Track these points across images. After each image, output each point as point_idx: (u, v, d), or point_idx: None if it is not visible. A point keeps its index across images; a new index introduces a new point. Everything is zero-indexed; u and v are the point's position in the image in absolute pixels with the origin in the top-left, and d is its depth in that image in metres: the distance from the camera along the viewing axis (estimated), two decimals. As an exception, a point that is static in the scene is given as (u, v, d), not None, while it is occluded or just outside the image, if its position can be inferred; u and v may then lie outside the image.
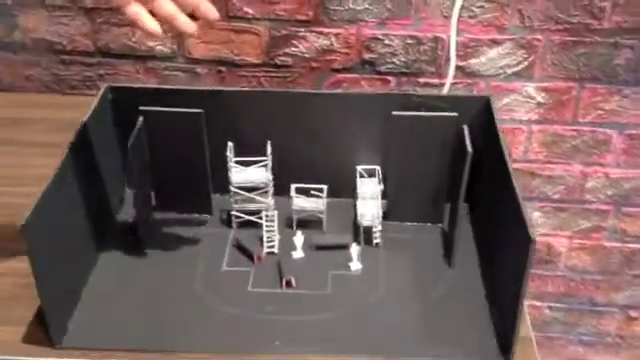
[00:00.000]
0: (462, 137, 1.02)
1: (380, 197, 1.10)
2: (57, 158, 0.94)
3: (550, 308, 1.72)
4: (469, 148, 0.98)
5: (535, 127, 1.49)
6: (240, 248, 1.08)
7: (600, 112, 1.46)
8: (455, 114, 1.05)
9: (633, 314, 1.70)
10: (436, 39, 1.39)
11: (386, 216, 1.11)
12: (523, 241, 0.84)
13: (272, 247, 1.07)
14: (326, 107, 1.10)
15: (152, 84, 1.45)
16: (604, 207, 1.57)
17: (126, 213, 1.14)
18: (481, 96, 1.08)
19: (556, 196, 1.56)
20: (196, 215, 1.14)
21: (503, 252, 0.96)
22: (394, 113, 1.05)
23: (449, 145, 1.06)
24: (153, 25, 0.85)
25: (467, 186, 1.01)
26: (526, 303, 0.90)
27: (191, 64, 1.45)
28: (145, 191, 1.09)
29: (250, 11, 1.37)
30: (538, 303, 1.71)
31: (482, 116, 1.07)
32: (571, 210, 1.58)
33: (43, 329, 0.93)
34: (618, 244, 1.61)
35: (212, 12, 0.88)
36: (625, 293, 1.68)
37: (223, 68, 1.45)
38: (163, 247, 1.09)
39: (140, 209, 1.06)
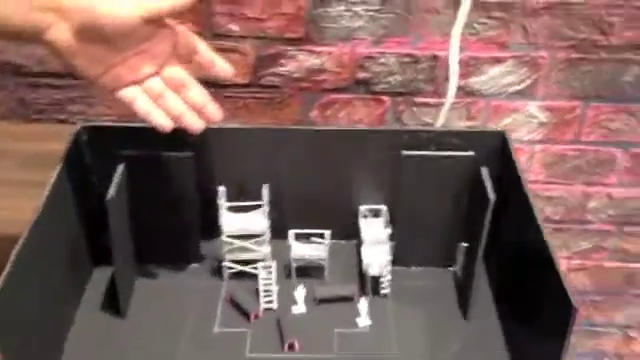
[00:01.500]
0: (479, 178, 0.93)
1: (388, 242, 1.00)
2: (21, 200, 0.86)
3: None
4: (491, 195, 0.89)
5: (537, 147, 1.41)
6: (234, 304, 0.97)
7: (604, 131, 1.38)
8: (471, 154, 0.95)
9: (632, 334, 1.65)
10: (434, 57, 1.30)
11: (393, 261, 1.01)
12: (563, 307, 0.76)
13: (270, 302, 0.97)
14: (327, 143, 0.99)
15: (128, 110, 1.33)
16: (606, 227, 1.51)
17: (104, 265, 1.02)
18: (496, 131, 0.99)
19: (556, 217, 1.49)
20: (183, 265, 1.03)
21: (531, 312, 0.88)
22: (404, 153, 0.95)
23: (464, 186, 0.97)
24: (165, 121, 0.81)
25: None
26: None
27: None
28: (125, 243, 0.98)
29: (235, 28, 1.25)
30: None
31: (497, 152, 0.98)
32: (571, 231, 1.51)
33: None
34: (619, 264, 1.55)
35: (216, 114, 0.86)
36: (625, 312, 1.62)
37: (211, 89, 1.33)
38: (146, 303, 0.98)
39: (119, 264, 0.94)
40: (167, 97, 0.82)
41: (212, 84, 1.27)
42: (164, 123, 0.82)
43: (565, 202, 1.47)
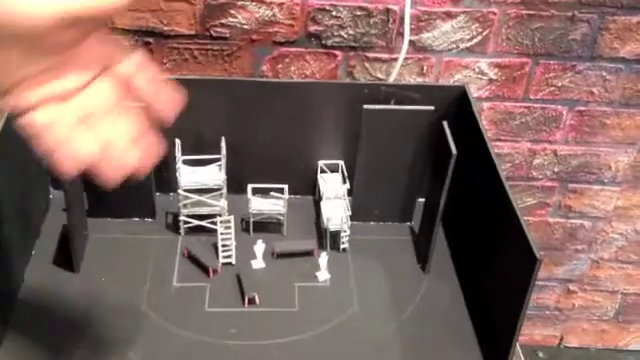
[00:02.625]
0: (439, 133, 0.93)
1: (346, 197, 0.99)
2: None
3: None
4: (453, 150, 0.89)
5: (485, 104, 1.41)
6: (192, 259, 0.95)
7: (552, 88, 1.40)
8: (431, 108, 0.95)
9: (572, 287, 1.70)
10: (387, 11, 1.28)
11: (351, 216, 1.01)
12: (525, 259, 0.76)
13: (229, 257, 0.95)
14: (286, 97, 0.97)
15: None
16: (550, 184, 1.53)
17: (54, 219, 0.98)
18: (455, 86, 0.99)
19: (503, 174, 1.50)
20: (137, 219, 1.00)
21: (491, 265, 0.89)
22: (366, 107, 0.94)
23: (424, 141, 0.96)
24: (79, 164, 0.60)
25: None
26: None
27: (115, 34, 1.28)
28: (77, 195, 0.94)
29: (184, -23, 1.21)
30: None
31: (457, 107, 0.98)
32: (517, 188, 1.53)
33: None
34: (562, 220, 1.59)
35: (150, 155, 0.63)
36: (565, 267, 1.66)
37: (151, 39, 1.28)
38: (100, 258, 0.95)
39: (72, 216, 0.91)
40: (83, 130, 0.60)
41: (153, 33, 1.22)
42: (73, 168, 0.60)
43: (512, 159, 1.49)
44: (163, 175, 0.99)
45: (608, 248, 1.62)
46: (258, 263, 0.96)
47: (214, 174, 0.96)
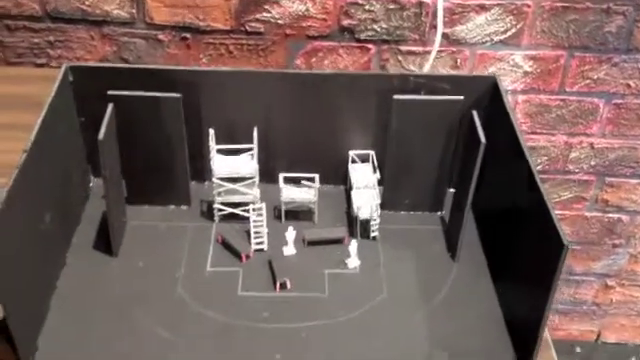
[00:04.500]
0: (470, 122, 0.94)
1: (377, 186, 1.01)
2: (9, 143, 0.83)
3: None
4: (482, 138, 0.89)
5: (520, 97, 1.41)
6: (225, 245, 0.98)
7: (588, 81, 1.39)
8: (461, 97, 0.96)
9: (610, 282, 1.68)
10: (420, 4, 1.29)
11: (381, 205, 1.02)
12: (553, 246, 0.77)
13: (261, 244, 0.98)
14: (317, 88, 0.99)
15: (109, 52, 1.31)
16: (587, 177, 1.53)
17: (94, 206, 1.02)
18: (486, 76, 1.00)
19: (539, 167, 1.50)
20: (173, 207, 1.03)
21: (521, 252, 0.89)
22: (396, 97, 0.95)
23: (454, 131, 0.97)
24: None
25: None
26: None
27: (152, 30, 1.32)
28: (116, 183, 0.97)
29: (219, -27, 1.24)
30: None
31: (487, 98, 0.99)
32: (553, 181, 1.53)
33: (8, 348, 0.82)
34: (599, 214, 1.57)
35: None
36: (603, 262, 1.65)
37: (188, 35, 1.32)
38: (138, 244, 0.98)
39: (112, 204, 0.94)
40: None
41: (189, 29, 1.25)
42: None
43: (548, 152, 1.48)
44: (198, 164, 1.02)
45: (646, 243, 1.61)
46: (289, 250, 0.98)
47: (247, 163, 0.99)
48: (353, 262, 0.97)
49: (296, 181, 1.01)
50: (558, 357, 0.89)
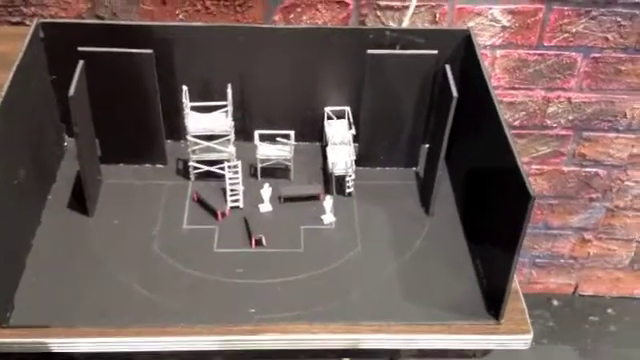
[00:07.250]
0: (443, 76, 0.94)
1: (352, 142, 1.01)
2: None
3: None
4: (454, 92, 0.89)
5: (499, 52, 1.41)
6: (201, 203, 0.98)
7: (566, 35, 1.39)
8: (435, 52, 0.96)
9: (587, 236, 1.70)
10: (398, -42, 1.28)
11: (357, 162, 1.02)
12: (520, 197, 0.78)
13: (237, 201, 0.98)
14: (291, 44, 0.99)
15: (83, 9, 1.29)
16: (564, 132, 1.53)
17: (69, 166, 1.01)
18: (460, 30, 0.99)
19: (516, 122, 1.51)
20: (148, 165, 1.03)
21: (491, 204, 0.90)
22: (369, 52, 0.95)
23: (428, 85, 0.97)
24: None
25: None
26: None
27: (127, -14, 1.29)
28: (89, 141, 0.97)
29: None
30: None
31: (461, 52, 0.99)
32: (531, 136, 1.54)
33: (-14, 306, 0.83)
34: (576, 168, 1.59)
35: None
36: (580, 216, 1.67)
37: (160, -11, 1.30)
38: (113, 203, 0.98)
39: (85, 162, 0.94)
40: None
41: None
42: None
43: (526, 107, 1.49)
44: (174, 122, 1.02)
45: (623, 196, 1.62)
46: (265, 207, 0.99)
47: (221, 121, 0.98)
48: (328, 218, 0.98)
49: (272, 138, 1.01)
50: (535, 310, 0.90)
